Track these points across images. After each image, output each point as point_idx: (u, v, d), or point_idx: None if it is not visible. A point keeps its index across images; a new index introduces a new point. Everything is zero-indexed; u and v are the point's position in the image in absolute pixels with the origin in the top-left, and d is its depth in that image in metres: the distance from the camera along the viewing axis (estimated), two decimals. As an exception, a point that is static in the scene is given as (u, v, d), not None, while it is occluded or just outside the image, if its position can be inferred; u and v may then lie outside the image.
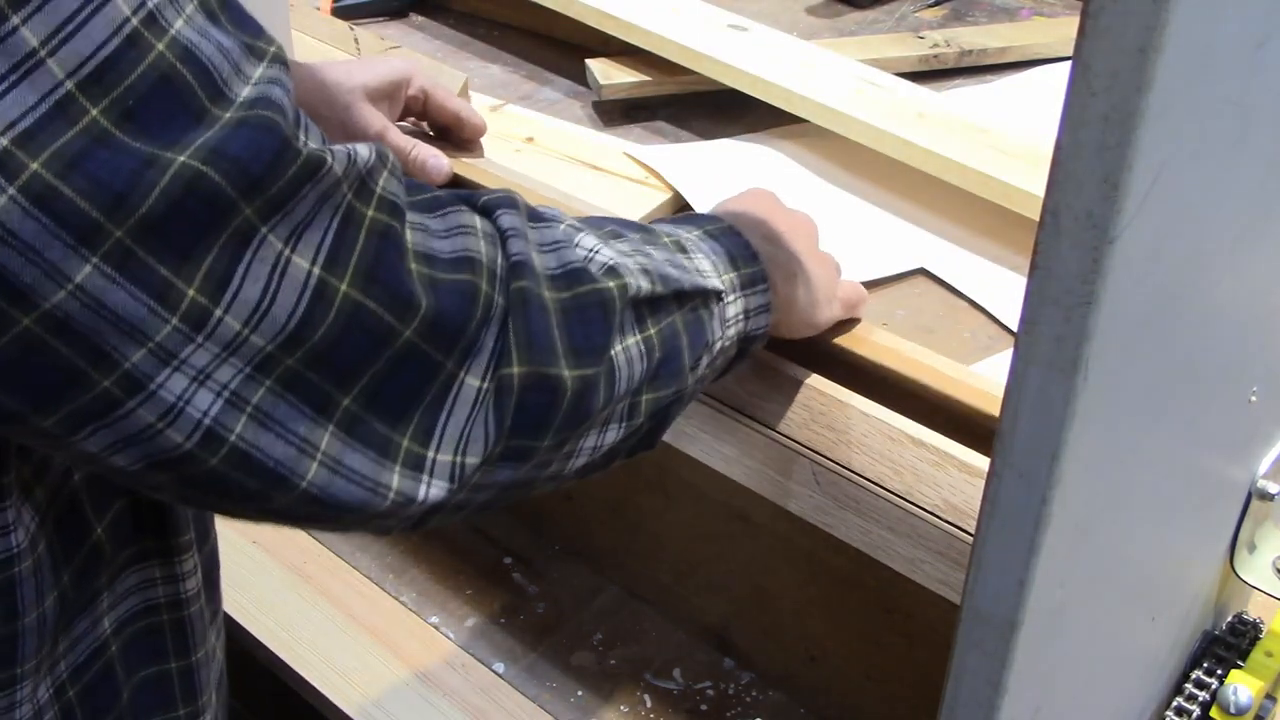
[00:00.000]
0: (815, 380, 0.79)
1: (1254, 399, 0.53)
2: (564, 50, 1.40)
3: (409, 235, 0.47)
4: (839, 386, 0.78)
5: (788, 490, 0.72)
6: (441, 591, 0.85)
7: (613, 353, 0.54)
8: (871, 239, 1.12)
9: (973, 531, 0.49)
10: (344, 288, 0.44)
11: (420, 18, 1.50)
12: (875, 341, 0.81)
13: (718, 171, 1.19)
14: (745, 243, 0.66)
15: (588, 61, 1.31)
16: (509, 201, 0.53)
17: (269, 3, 1.10)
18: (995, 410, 0.73)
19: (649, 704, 0.77)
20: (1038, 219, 0.33)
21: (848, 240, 1.11)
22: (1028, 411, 0.36)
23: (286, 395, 0.44)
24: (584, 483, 0.83)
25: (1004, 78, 1.39)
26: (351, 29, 1.30)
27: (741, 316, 0.64)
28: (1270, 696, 0.65)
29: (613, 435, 0.56)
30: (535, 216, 0.55)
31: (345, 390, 0.45)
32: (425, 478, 0.48)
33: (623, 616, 0.83)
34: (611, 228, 0.60)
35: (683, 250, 0.62)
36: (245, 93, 0.41)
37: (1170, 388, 0.43)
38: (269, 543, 0.89)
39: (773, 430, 0.76)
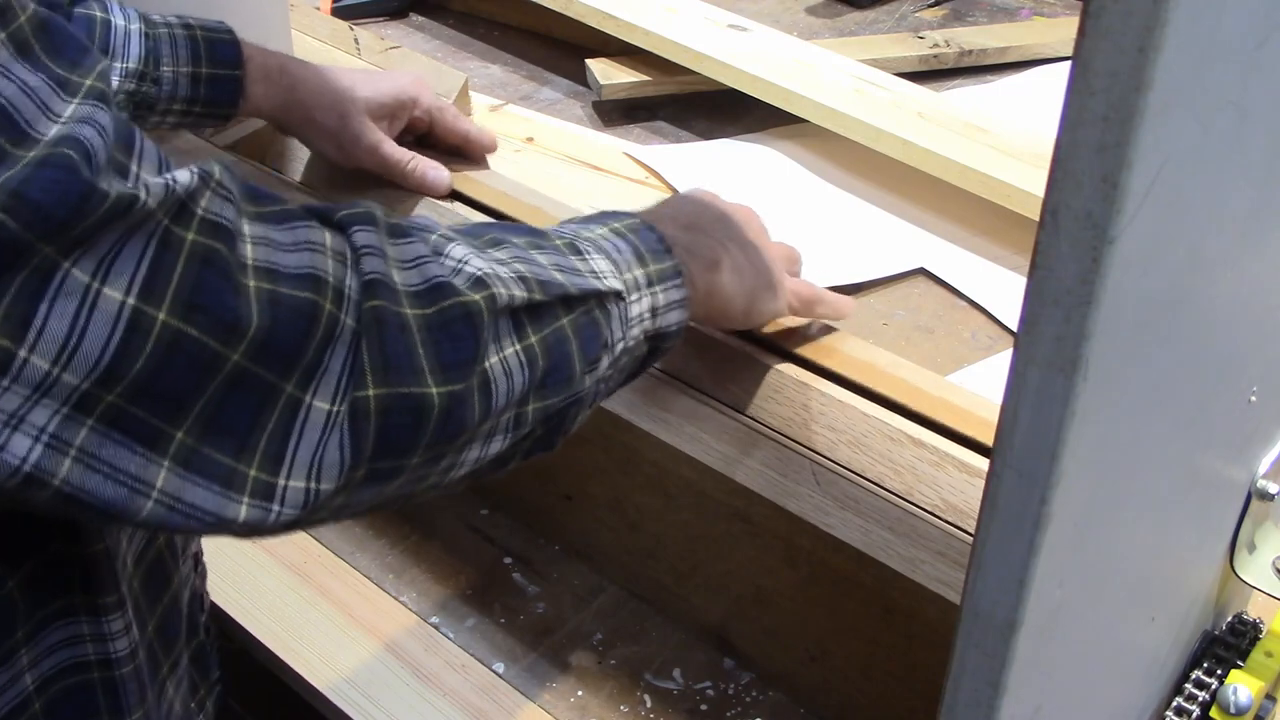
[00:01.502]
0: (815, 381, 0.79)
1: (1254, 399, 0.53)
2: (564, 50, 1.40)
3: (248, 250, 0.45)
4: (839, 387, 0.78)
5: (788, 490, 0.72)
6: (441, 591, 0.85)
7: (487, 365, 0.52)
8: (871, 239, 1.12)
9: (972, 531, 0.49)
10: (162, 316, 0.42)
11: (420, 18, 1.50)
12: (848, 353, 0.80)
13: (718, 171, 1.19)
14: (658, 237, 0.64)
15: (588, 61, 1.31)
16: (365, 218, 0.52)
17: (269, 3, 1.09)
18: (971, 422, 0.73)
19: (649, 704, 0.77)
20: (1038, 219, 0.33)
21: (848, 240, 1.11)
22: (1028, 411, 0.36)
23: (111, 433, 0.43)
24: (584, 483, 0.83)
25: (1004, 78, 1.39)
26: (351, 29, 1.30)
27: (648, 314, 0.62)
28: (1270, 696, 0.65)
29: (498, 445, 0.55)
30: (397, 232, 0.53)
31: (176, 423, 0.44)
32: (275, 506, 0.46)
33: (623, 616, 0.83)
34: (493, 235, 0.58)
35: (576, 252, 0.60)
36: (52, 132, 0.40)
37: (1170, 388, 0.43)
38: (269, 543, 0.89)
39: (773, 430, 0.76)
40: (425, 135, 0.99)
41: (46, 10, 0.43)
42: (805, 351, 0.80)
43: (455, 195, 0.98)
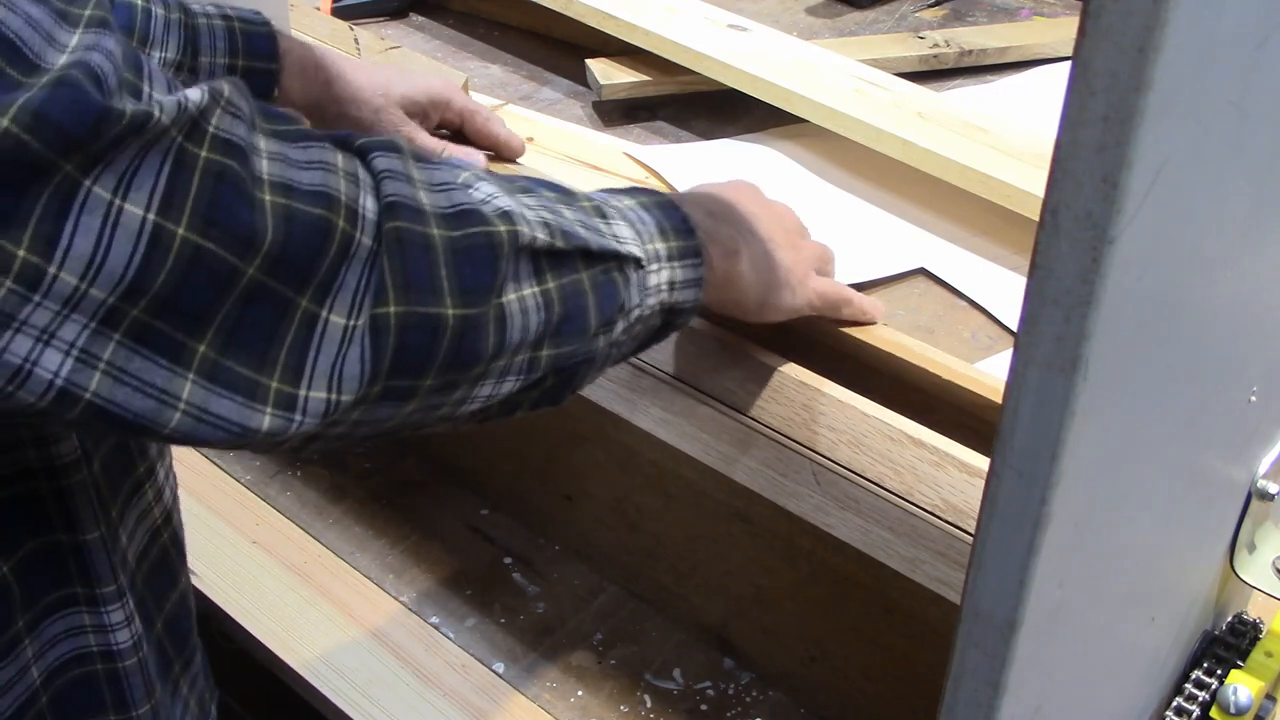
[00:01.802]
0: (816, 380, 0.79)
1: (1254, 399, 0.53)
2: (564, 50, 1.40)
3: (264, 165, 0.46)
4: (839, 386, 0.78)
5: (788, 490, 0.72)
6: (441, 591, 0.85)
7: (504, 300, 0.53)
8: (871, 239, 1.12)
9: (973, 531, 0.49)
10: (181, 231, 0.43)
11: (420, 18, 1.50)
12: (879, 335, 0.81)
13: (718, 171, 1.19)
14: (682, 216, 0.65)
15: (588, 61, 1.31)
16: (388, 145, 0.53)
17: (269, 3, 1.09)
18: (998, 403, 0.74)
19: (649, 704, 0.77)
20: (1038, 219, 0.33)
21: (848, 240, 1.11)
22: (1028, 411, 0.36)
23: (139, 348, 0.44)
24: (584, 483, 0.83)
25: (1004, 78, 1.39)
26: (351, 29, 1.30)
27: (666, 287, 0.63)
28: (1270, 696, 0.65)
29: (510, 386, 0.56)
30: (426, 159, 0.54)
31: (199, 336, 0.45)
32: (297, 416, 0.47)
33: (623, 616, 0.83)
34: (523, 183, 0.59)
35: (601, 215, 0.61)
36: (61, 60, 0.41)
37: (1170, 387, 0.43)
38: (269, 543, 0.89)
39: (773, 430, 0.76)
40: (456, 136, 1.01)
41: None
42: (834, 342, 0.82)
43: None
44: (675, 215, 0.65)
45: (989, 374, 0.79)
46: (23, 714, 0.53)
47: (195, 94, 0.45)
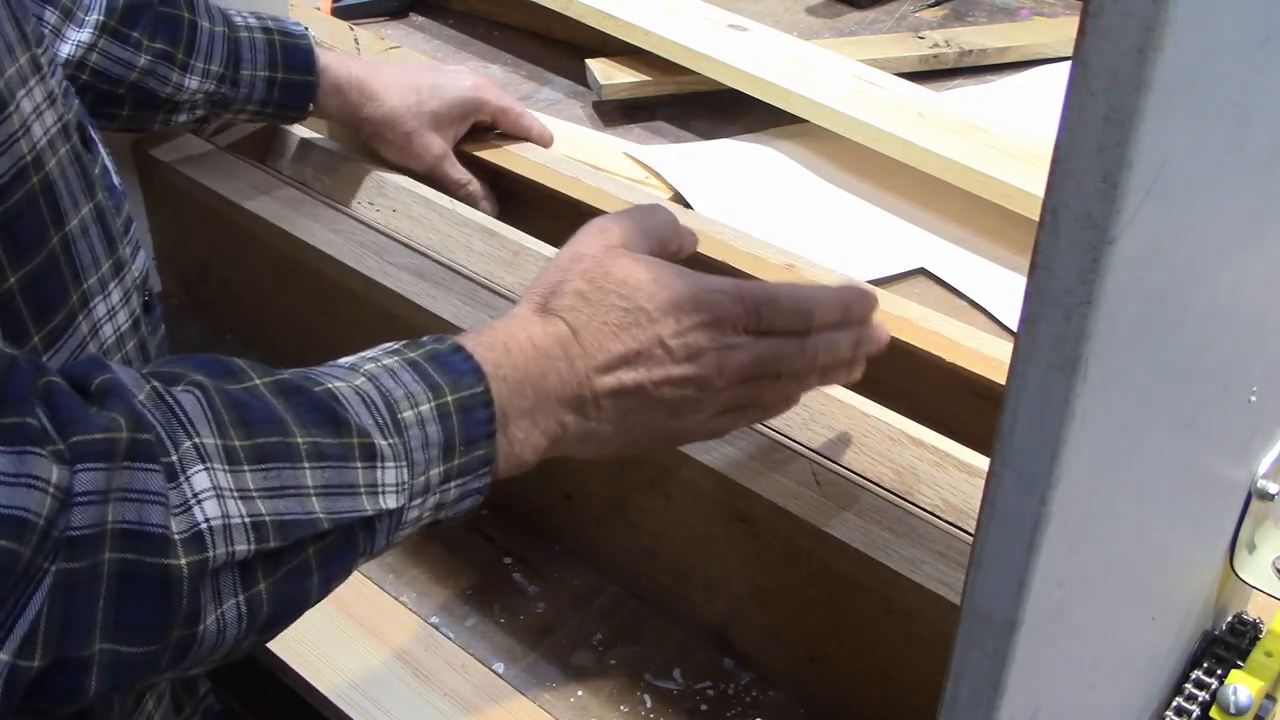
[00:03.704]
0: (815, 380, 0.79)
1: (1254, 399, 0.53)
2: (564, 50, 1.40)
3: None
4: (839, 386, 0.78)
5: (788, 490, 0.72)
6: (441, 591, 0.85)
7: (194, 629, 0.47)
8: (871, 239, 1.12)
9: (973, 531, 0.49)
10: None
11: (420, 18, 1.50)
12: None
13: (718, 171, 1.19)
14: (486, 418, 0.57)
15: (588, 61, 1.31)
16: (104, 447, 0.45)
17: (269, 3, 1.10)
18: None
19: (649, 704, 0.77)
20: (1037, 219, 0.33)
21: (848, 240, 1.11)
22: (1027, 411, 0.36)
23: None
24: (584, 483, 0.83)
25: (1004, 78, 1.39)
26: (351, 29, 1.30)
27: (430, 511, 0.57)
28: (1270, 696, 0.65)
29: (205, 668, 0.51)
30: (140, 454, 0.46)
31: None
32: None
33: (623, 616, 0.83)
34: (267, 440, 0.50)
35: (369, 458, 0.53)
36: None
37: (1170, 387, 0.43)
38: (269, 543, 0.89)
39: (773, 430, 0.76)
40: (488, 130, 1.06)
41: None
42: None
43: (498, 172, 1.05)
44: (476, 418, 0.56)
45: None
46: None
47: None
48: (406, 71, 1.02)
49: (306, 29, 0.96)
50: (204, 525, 0.47)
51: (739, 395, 0.64)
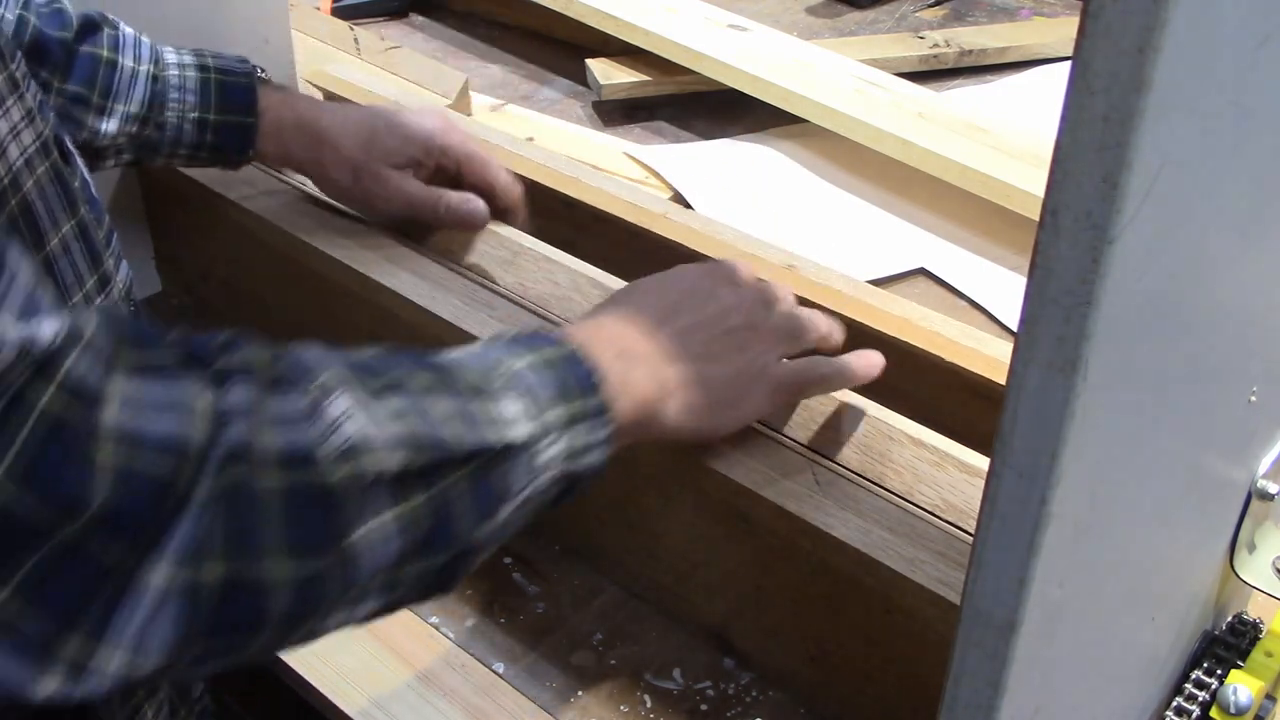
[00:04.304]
0: (815, 380, 0.79)
1: (1254, 399, 0.53)
2: (564, 50, 1.40)
3: (111, 414, 0.42)
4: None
5: (788, 490, 0.72)
6: (441, 591, 0.85)
7: (350, 541, 0.48)
8: (871, 239, 1.12)
9: (973, 531, 0.49)
10: None
11: (420, 18, 1.50)
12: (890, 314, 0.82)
13: (718, 171, 1.19)
14: (587, 371, 0.59)
15: (588, 61, 1.31)
16: (245, 371, 0.48)
17: (269, 3, 1.10)
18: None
19: (649, 704, 0.77)
20: (1037, 219, 0.33)
21: (848, 240, 1.11)
22: (1027, 411, 0.36)
23: None
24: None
25: (1004, 78, 1.39)
26: (351, 29, 1.30)
27: (563, 457, 0.58)
28: (1270, 696, 0.65)
29: (371, 606, 0.52)
30: (278, 382, 0.48)
31: None
32: (86, 680, 0.43)
33: (623, 616, 0.83)
34: (392, 376, 0.53)
35: (485, 394, 0.55)
36: None
37: (1170, 387, 0.43)
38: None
39: (773, 430, 0.76)
40: (453, 181, 0.93)
41: None
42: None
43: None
44: (579, 370, 0.59)
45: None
46: None
47: (48, 332, 0.41)
48: (362, 109, 0.92)
49: (254, 67, 0.89)
50: (352, 442, 0.48)
51: (781, 326, 0.72)
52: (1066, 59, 0.60)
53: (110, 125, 0.84)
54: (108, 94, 0.83)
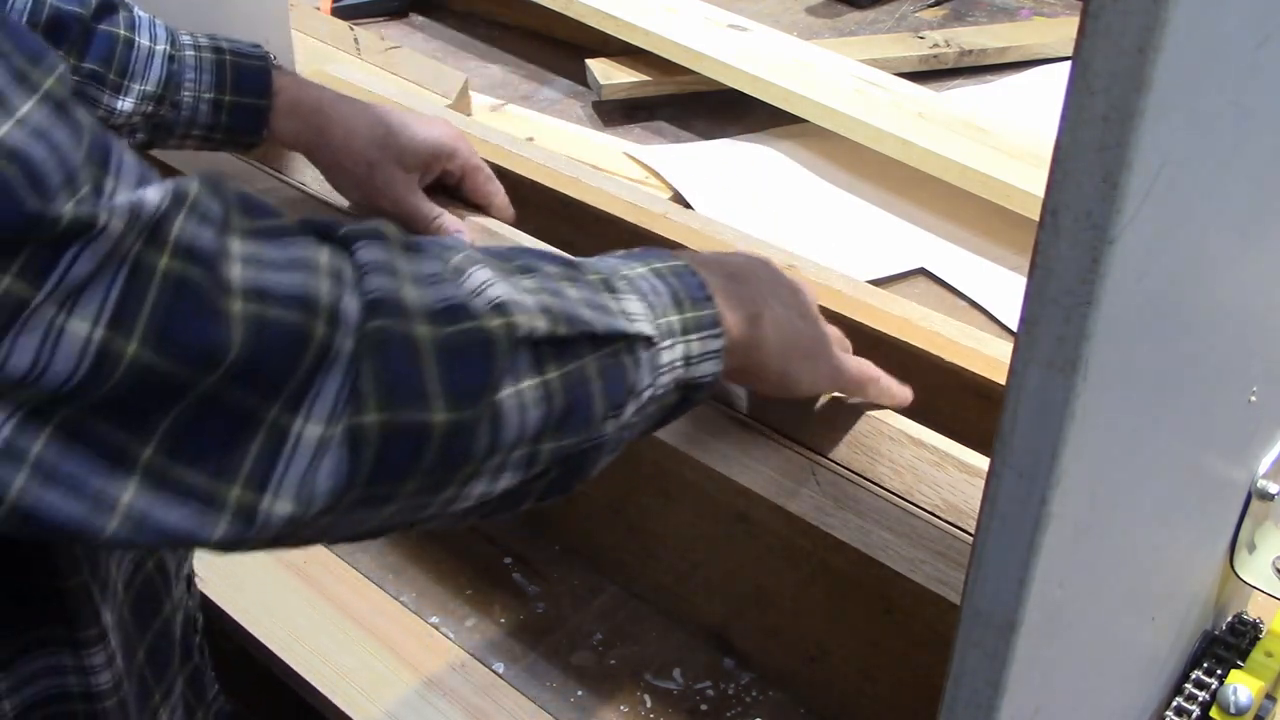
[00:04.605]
0: (815, 380, 0.78)
1: (1254, 399, 0.53)
2: (564, 50, 1.40)
3: (236, 271, 0.43)
4: (839, 386, 0.78)
5: (788, 490, 0.72)
6: (441, 591, 0.85)
7: (499, 397, 0.49)
8: (871, 239, 1.12)
9: (972, 531, 0.49)
10: (133, 347, 0.40)
11: (420, 18, 1.50)
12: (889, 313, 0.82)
13: (718, 171, 1.19)
14: (700, 282, 0.61)
15: (588, 61, 1.31)
16: (373, 233, 0.49)
17: (269, 3, 1.10)
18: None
19: (649, 704, 0.77)
20: (1037, 219, 0.33)
21: (848, 240, 1.11)
22: (1027, 411, 0.36)
23: (74, 445, 0.41)
24: (584, 482, 0.83)
25: (1004, 78, 1.39)
26: (351, 29, 1.30)
27: (681, 362, 0.59)
28: (1270, 696, 0.65)
29: (507, 481, 0.52)
30: (413, 247, 0.50)
31: (143, 439, 0.42)
32: (256, 526, 0.44)
33: (623, 616, 0.83)
34: (524, 261, 0.55)
35: (610, 290, 0.57)
36: (1, 131, 0.37)
37: (1170, 387, 0.43)
38: (269, 543, 0.89)
39: (773, 430, 0.76)
40: (453, 189, 0.96)
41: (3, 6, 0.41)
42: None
43: (497, 172, 0.97)
44: (691, 281, 0.61)
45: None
46: None
47: (154, 195, 0.42)
48: (372, 106, 0.93)
49: (266, 52, 0.90)
50: (501, 298, 0.50)
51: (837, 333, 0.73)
52: (1066, 59, 0.60)
53: (126, 104, 0.84)
54: (124, 72, 0.84)
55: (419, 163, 0.91)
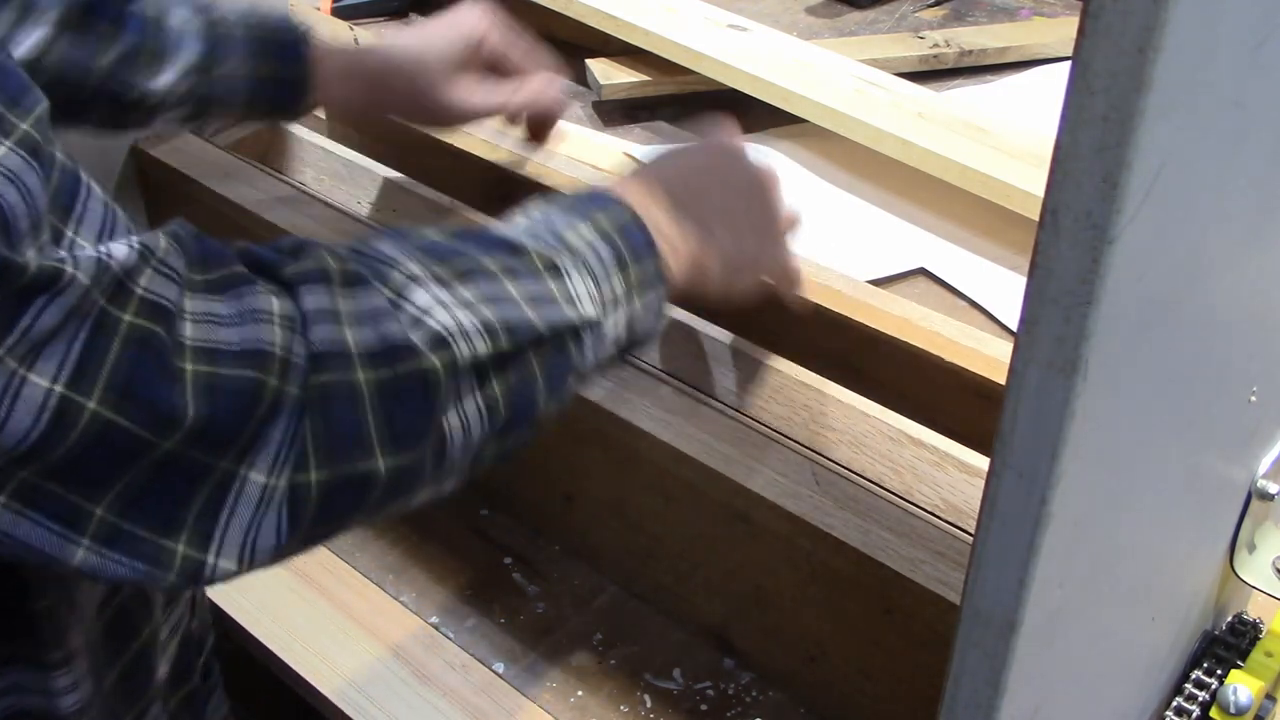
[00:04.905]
0: (816, 380, 0.79)
1: (1254, 399, 0.53)
2: (564, 50, 1.40)
3: (188, 331, 0.43)
4: (839, 386, 0.78)
5: (788, 490, 0.72)
6: (441, 591, 0.85)
7: (442, 429, 0.50)
8: (871, 239, 1.12)
9: (972, 531, 0.49)
10: (92, 405, 0.40)
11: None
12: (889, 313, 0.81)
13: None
14: (645, 239, 0.61)
15: (588, 61, 1.31)
16: (315, 274, 0.48)
17: (269, 3, 1.10)
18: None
19: (649, 704, 0.77)
20: (1037, 219, 0.33)
21: (848, 240, 1.11)
22: (1027, 411, 0.36)
23: (26, 511, 0.41)
24: (584, 483, 0.83)
25: (1004, 78, 1.39)
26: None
27: (623, 329, 0.60)
28: (1270, 696, 0.65)
29: (453, 483, 0.53)
30: (351, 280, 0.49)
31: (95, 500, 0.42)
32: (204, 579, 0.45)
33: (623, 616, 0.83)
34: (464, 262, 0.54)
35: (555, 271, 0.56)
36: None
37: (1170, 387, 0.43)
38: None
39: (773, 430, 0.76)
40: (500, 68, 0.91)
41: None
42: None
43: (498, 172, 0.97)
44: (637, 238, 0.61)
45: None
46: None
47: (121, 250, 0.41)
48: (387, 48, 0.90)
49: (301, 21, 0.88)
50: (441, 330, 0.50)
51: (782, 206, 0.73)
52: (1066, 59, 0.60)
53: (165, 79, 0.83)
54: (160, 50, 0.83)
55: (457, 64, 0.88)
